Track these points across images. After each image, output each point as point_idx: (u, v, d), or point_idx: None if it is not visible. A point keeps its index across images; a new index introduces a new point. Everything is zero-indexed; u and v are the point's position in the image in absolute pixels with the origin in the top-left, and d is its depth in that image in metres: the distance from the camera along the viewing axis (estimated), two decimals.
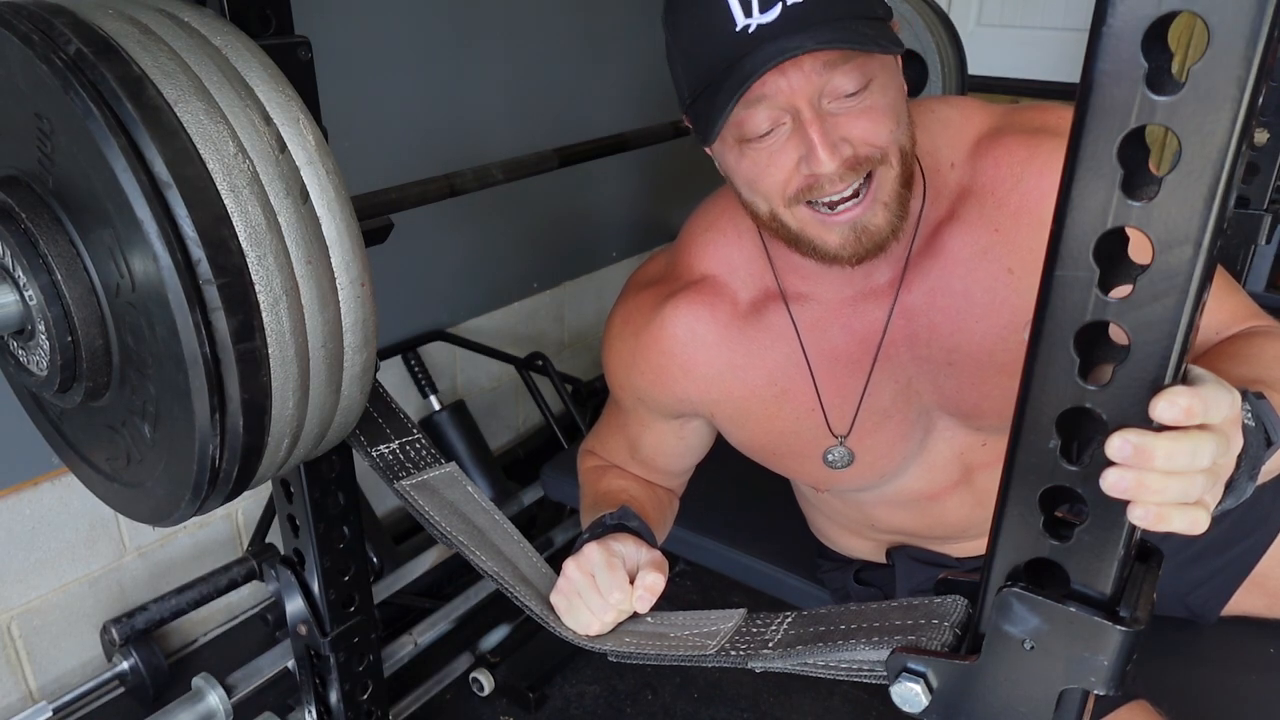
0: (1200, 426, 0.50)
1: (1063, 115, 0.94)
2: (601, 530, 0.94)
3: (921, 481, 1.04)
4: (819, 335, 0.98)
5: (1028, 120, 0.94)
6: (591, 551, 0.87)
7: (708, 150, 0.89)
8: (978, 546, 1.13)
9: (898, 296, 0.95)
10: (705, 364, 1.00)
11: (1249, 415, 0.63)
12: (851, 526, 1.19)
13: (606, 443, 1.18)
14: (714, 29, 0.77)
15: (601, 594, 0.84)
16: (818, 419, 1.01)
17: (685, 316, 1.00)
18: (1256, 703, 1.08)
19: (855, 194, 0.83)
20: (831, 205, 0.83)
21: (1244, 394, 0.62)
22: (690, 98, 0.84)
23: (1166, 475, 0.49)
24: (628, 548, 0.89)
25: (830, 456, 1.02)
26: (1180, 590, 1.13)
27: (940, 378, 0.96)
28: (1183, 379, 0.47)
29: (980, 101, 1.00)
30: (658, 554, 0.90)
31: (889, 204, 0.84)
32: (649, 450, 1.13)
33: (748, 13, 0.76)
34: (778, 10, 0.75)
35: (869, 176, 0.83)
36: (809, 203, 0.83)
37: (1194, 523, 0.52)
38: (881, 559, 1.19)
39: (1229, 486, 0.59)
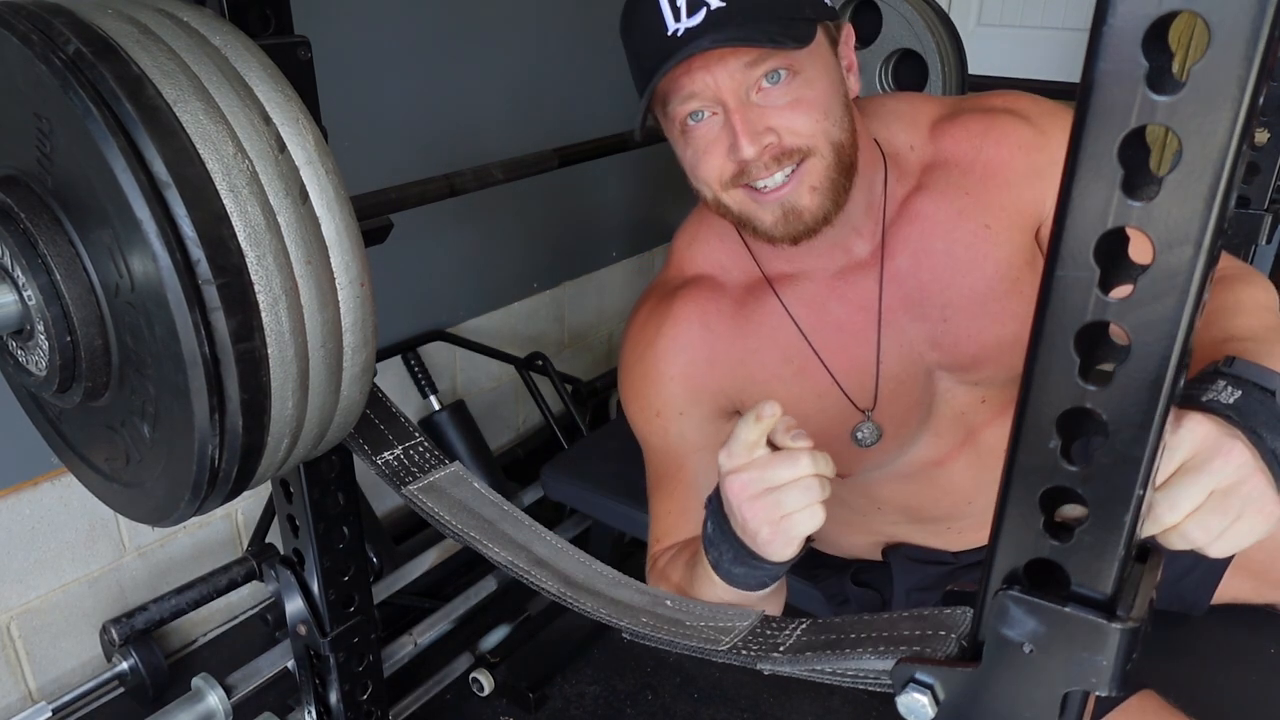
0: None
1: (1013, 97, 1.03)
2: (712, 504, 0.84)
3: (929, 449, 1.06)
4: (817, 310, 1.02)
5: (981, 103, 1.02)
6: (732, 446, 0.75)
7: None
8: (975, 539, 1.14)
9: (883, 264, 1.00)
10: (724, 352, 1.03)
11: (1234, 395, 0.67)
12: (853, 520, 1.18)
13: (670, 526, 1.05)
14: (651, 33, 0.86)
15: (789, 461, 0.74)
16: (837, 395, 1.02)
17: (694, 310, 1.03)
18: (1249, 694, 1.08)
19: (786, 178, 0.89)
20: (763, 189, 0.90)
21: (1221, 374, 0.69)
22: (639, 94, 0.91)
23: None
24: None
25: (859, 434, 1.03)
26: (1172, 578, 1.14)
27: (938, 334, 1.00)
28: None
29: (926, 95, 1.09)
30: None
31: (818, 188, 0.90)
32: (711, 484, 1.04)
33: (677, 18, 0.84)
34: (701, 15, 0.83)
35: (800, 164, 0.89)
36: (744, 186, 0.90)
37: (1248, 534, 0.62)
38: (877, 556, 1.19)
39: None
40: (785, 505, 0.74)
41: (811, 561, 1.29)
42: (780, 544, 0.77)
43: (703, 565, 0.87)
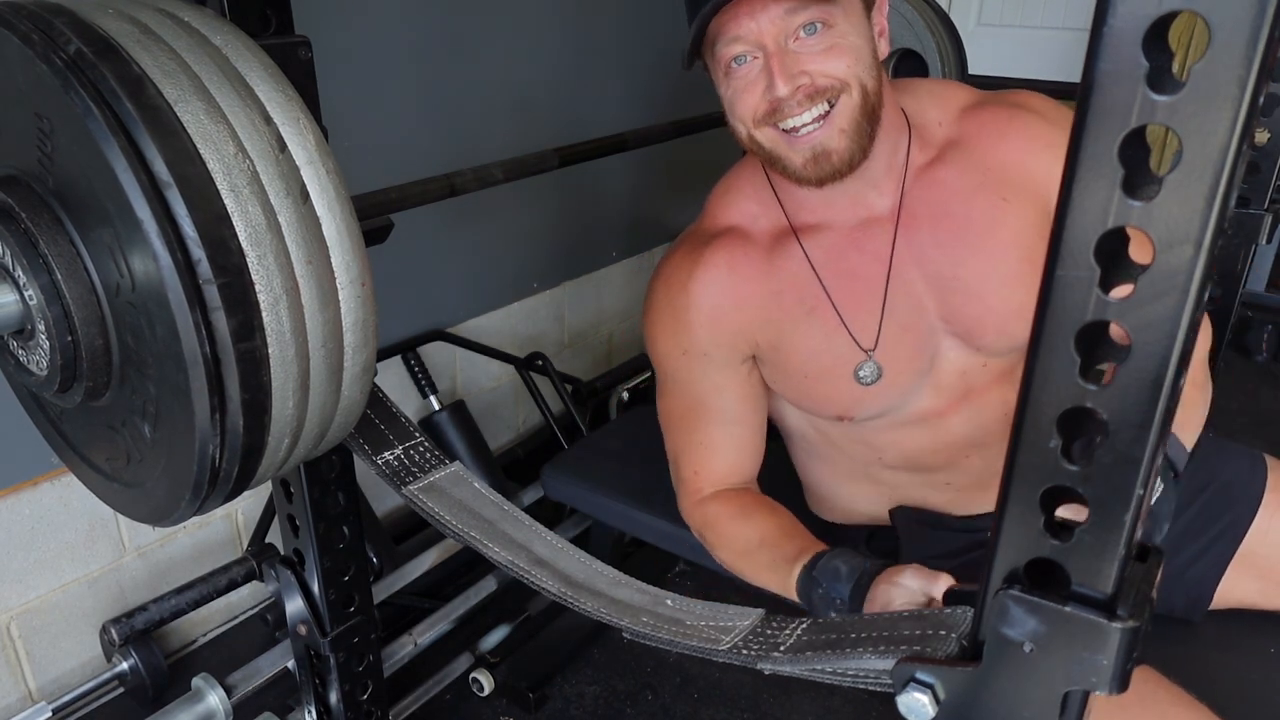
0: None
1: (1035, 98, 1.12)
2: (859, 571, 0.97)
3: (929, 400, 1.12)
4: (835, 257, 1.10)
5: (1005, 98, 1.12)
6: (914, 594, 0.90)
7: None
8: (978, 500, 1.18)
9: (899, 220, 1.08)
10: (750, 295, 1.11)
11: None
12: (855, 469, 1.23)
13: (704, 457, 1.18)
14: None
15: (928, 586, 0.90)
16: (844, 336, 1.10)
17: (724, 257, 1.12)
18: (1249, 693, 1.08)
19: (816, 121, 0.98)
20: (795, 130, 0.98)
21: None
22: (689, 35, 0.99)
23: None
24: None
25: (861, 372, 1.10)
26: (1173, 572, 1.14)
27: (946, 294, 1.08)
28: None
29: (962, 84, 1.16)
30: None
31: (847, 130, 0.99)
32: (732, 420, 1.16)
33: None
34: None
35: (831, 106, 0.98)
36: (777, 126, 0.99)
37: None
38: (883, 516, 1.24)
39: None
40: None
41: (825, 537, 1.29)
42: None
43: (783, 569, 1.04)
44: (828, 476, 1.27)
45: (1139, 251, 0.45)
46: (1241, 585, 1.14)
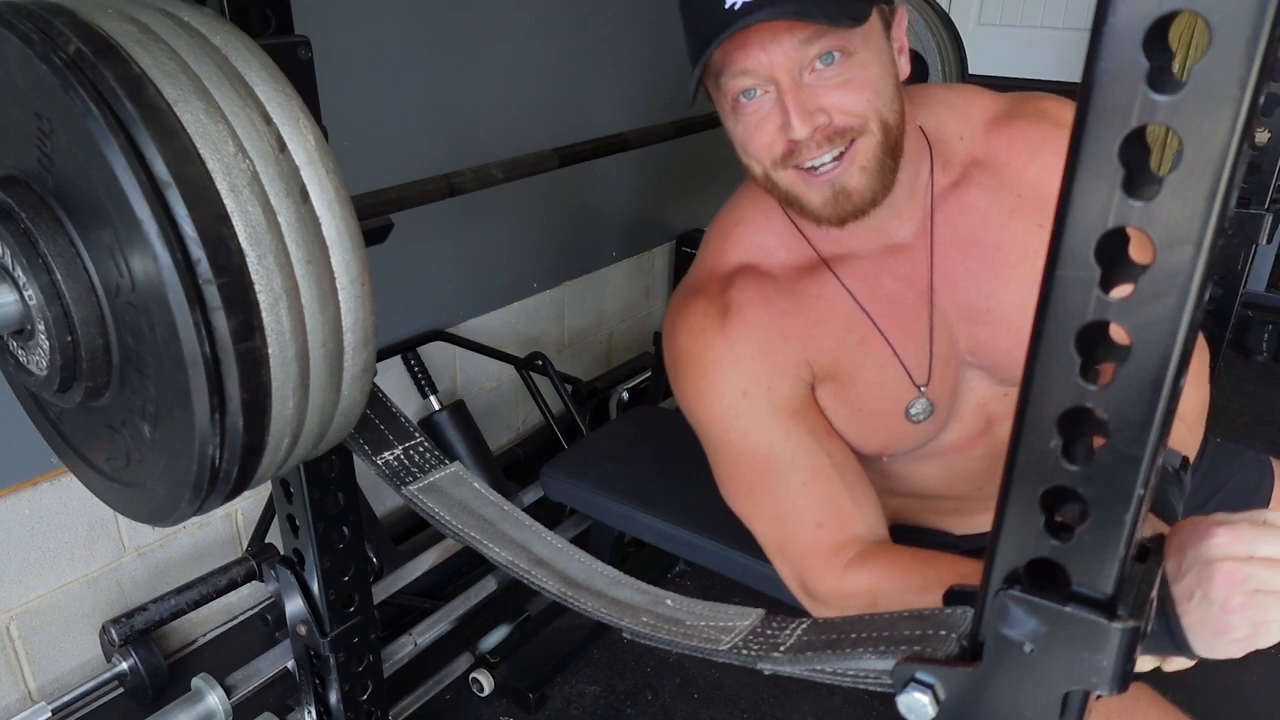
0: None
1: (1063, 107, 1.04)
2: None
3: (954, 434, 1.07)
4: (871, 285, 1.03)
5: (1032, 108, 1.03)
6: (1242, 531, 0.65)
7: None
8: (979, 522, 1.15)
9: (933, 246, 1.01)
10: (792, 327, 1.02)
11: None
12: None
13: (825, 508, 0.98)
14: (708, 3, 0.87)
15: None
16: (898, 369, 1.02)
17: (754, 292, 1.03)
18: (1249, 693, 1.08)
19: (835, 160, 0.90)
20: (814, 169, 0.91)
21: None
22: (692, 66, 0.91)
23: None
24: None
25: (914, 409, 1.03)
26: None
27: (976, 326, 1.01)
28: None
29: (978, 87, 1.08)
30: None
31: (867, 168, 0.92)
32: (828, 452, 1.00)
33: None
34: None
35: (851, 144, 0.90)
36: (795, 166, 0.91)
37: None
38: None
39: None
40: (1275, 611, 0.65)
41: None
42: (1238, 646, 0.67)
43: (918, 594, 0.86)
44: None
45: (1139, 251, 0.45)
46: None
